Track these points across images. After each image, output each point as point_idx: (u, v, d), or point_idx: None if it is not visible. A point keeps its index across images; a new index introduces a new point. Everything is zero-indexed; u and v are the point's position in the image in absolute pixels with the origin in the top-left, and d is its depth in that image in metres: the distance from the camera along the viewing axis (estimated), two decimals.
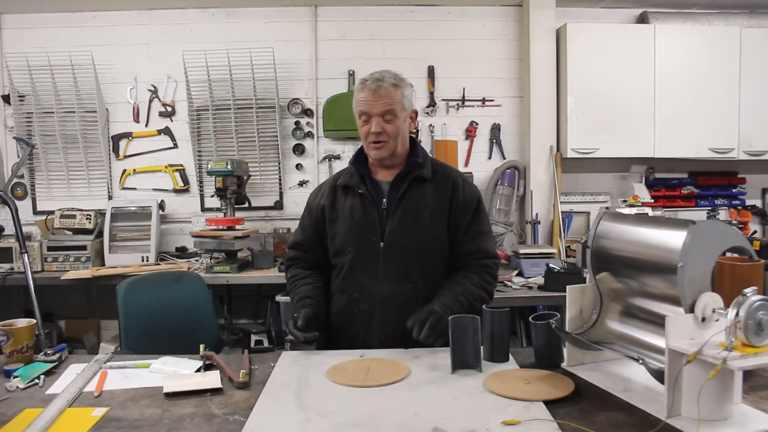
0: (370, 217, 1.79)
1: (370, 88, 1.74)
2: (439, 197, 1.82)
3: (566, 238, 3.95)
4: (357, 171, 1.85)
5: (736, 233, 1.40)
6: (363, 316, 1.80)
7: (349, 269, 1.81)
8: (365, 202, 1.81)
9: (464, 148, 4.12)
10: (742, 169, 4.26)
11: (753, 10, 4.12)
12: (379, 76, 1.76)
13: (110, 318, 4.03)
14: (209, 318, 2.64)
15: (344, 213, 1.82)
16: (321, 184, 2.00)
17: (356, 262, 1.80)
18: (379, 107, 1.74)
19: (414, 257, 1.79)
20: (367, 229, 1.79)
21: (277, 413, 1.28)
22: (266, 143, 4.07)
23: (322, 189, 1.95)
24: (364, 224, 1.79)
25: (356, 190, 1.82)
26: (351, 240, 1.80)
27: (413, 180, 1.81)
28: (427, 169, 1.83)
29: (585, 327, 1.50)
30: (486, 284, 1.82)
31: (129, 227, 3.81)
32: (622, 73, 3.82)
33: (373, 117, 1.75)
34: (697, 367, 1.14)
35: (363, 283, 1.79)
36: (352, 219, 1.81)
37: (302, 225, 1.97)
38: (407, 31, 4.10)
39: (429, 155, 1.93)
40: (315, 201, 1.92)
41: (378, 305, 1.78)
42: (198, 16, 4.06)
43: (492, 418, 1.21)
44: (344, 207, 1.83)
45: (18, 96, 3.97)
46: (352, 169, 1.87)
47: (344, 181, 1.86)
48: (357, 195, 1.82)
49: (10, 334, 1.56)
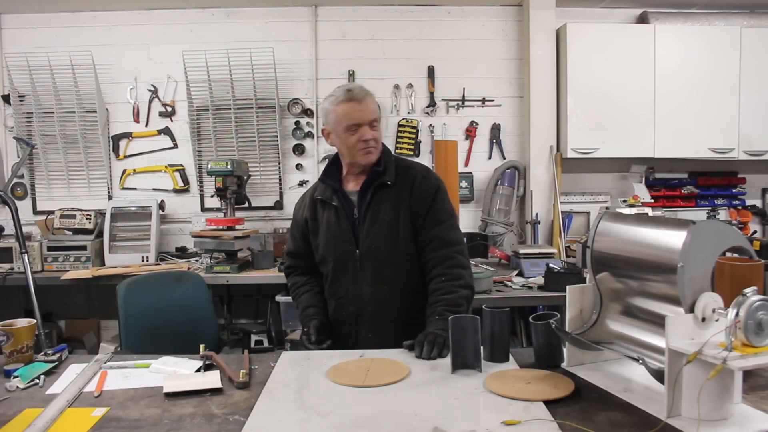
0: (344, 227, 1.89)
1: (358, 99, 1.81)
2: (401, 198, 1.88)
3: (566, 238, 3.95)
4: (328, 185, 1.93)
5: (736, 233, 1.40)
6: (351, 317, 1.92)
7: (333, 276, 1.94)
8: (339, 214, 1.90)
9: (464, 148, 4.12)
10: (742, 169, 4.26)
11: (753, 10, 4.12)
12: (360, 87, 1.85)
13: (110, 318, 4.03)
14: (209, 318, 2.64)
15: (323, 225, 1.94)
16: (303, 195, 2.07)
17: (338, 270, 1.92)
18: (368, 116, 1.83)
19: (386, 260, 1.87)
20: (343, 239, 1.89)
21: (277, 413, 1.28)
22: (266, 143, 4.07)
23: (304, 201, 2.03)
24: (340, 235, 1.89)
25: (331, 203, 1.91)
26: (330, 250, 1.92)
27: (377, 187, 1.88)
28: (389, 174, 1.89)
29: (585, 327, 1.50)
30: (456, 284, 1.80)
31: (129, 227, 3.81)
32: (622, 73, 3.82)
33: (364, 125, 1.82)
34: (697, 367, 1.14)
35: (347, 288, 1.91)
36: (329, 231, 1.91)
37: (292, 235, 2.09)
38: (407, 31, 4.10)
39: (393, 157, 1.97)
40: (299, 213, 2.03)
41: (362, 306, 1.89)
42: (198, 16, 4.07)
43: (492, 418, 1.21)
44: (323, 219, 1.94)
45: (18, 96, 3.97)
46: (323, 184, 1.95)
47: (319, 194, 1.95)
48: (332, 207, 1.92)
49: (10, 334, 1.56)
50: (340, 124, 1.83)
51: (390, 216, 1.86)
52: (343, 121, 1.82)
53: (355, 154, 1.85)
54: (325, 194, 1.93)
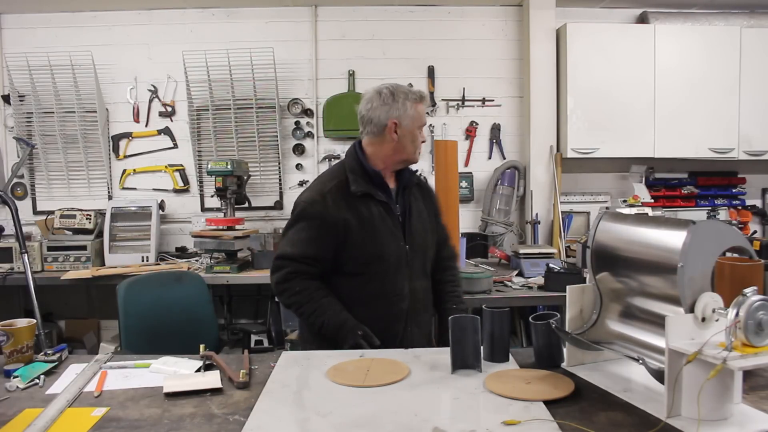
0: (395, 223, 1.90)
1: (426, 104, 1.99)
2: (424, 196, 2.05)
3: (566, 238, 3.95)
4: (369, 179, 1.89)
5: (736, 233, 1.40)
6: (401, 314, 1.89)
7: (385, 273, 1.87)
8: (386, 210, 1.89)
9: (464, 148, 4.12)
10: (742, 169, 4.26)
11: (753, 10, 4.12)
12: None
13: (110, 318, 4.03)
14: (209, 318, 2.64)
15: (375, 220, 1.86)
16: (320, 192, 1.87)
17: (392, 267, 1.88)
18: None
19: (427, 254, 2.00)
20: (396, 235, 1.89)
21: (277, 413, 1.28)
22: (266, 143, 4.07)
23: (327, 199, 1.84)
24: (393, 230, 1.89)
25: (376, 198, 1.87)
26: (385, 247, 1.87)
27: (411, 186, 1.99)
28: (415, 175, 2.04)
29: (585, 327, 1.50)
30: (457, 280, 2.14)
31: (129, 227, 3.81)
32: (622, 73, 3.82)
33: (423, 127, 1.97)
34: (697, 367, 1.14)
35: (401, 285, 1.89)
36: (384, 226, 1.87)
37: (312, 237, 1.84)
38: (407, 31, 4.10)
39: None
40: (330, 213, 1.82)
41: (412, 302, 1.91)
42: (198, 16, 4.07)
43: (492, 418, 1.20)
44: (369, 215, 1.85)
45: (18, 96, 3.97)
46: (360, 179, 1.88)
47: (361, 189, 1.86)
48: (377, 203, 1.87)
49: (10, 334, 1.56)
50: (417, 121, 1.92)
51: (425, 212, 2.00)
52: (419, 119, 1.92)
53: (414, 151, 1.94)
54: (370, 189, 1.87)
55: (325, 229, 1.83)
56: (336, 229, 1.82)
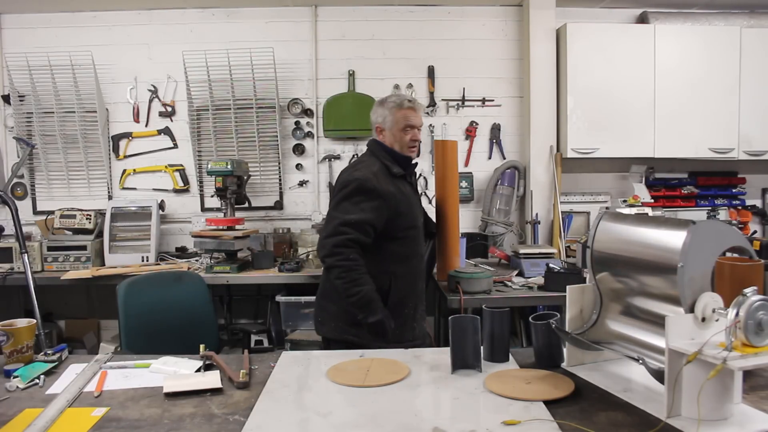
0: (418, 197, 2.49)
1: (413, 107, 2.37)
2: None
3: (566, 238, 3.95)
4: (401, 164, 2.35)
5: (736, 233, 1.40)
6: (423, 271, 2.44)
7: (416, 237, 2.37)
8: (413, 188, 2.45)
9: (464, 148, 4.12)
10: (742, 169, 4.26)
11: (753, 10, 4.12)
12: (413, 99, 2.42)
13: (110, 318, 4.03)
14: (209, 318, 2.64)
15: (407, 196, 2.33)
16: (372, 172, 2.24)
17: (419, 232, 2.39)
18: (419, 121, 2.40)
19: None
20: (419, 207, 2.46)
21: (277, 413, 1.28)
22: (266, 143, 4.07)
23: (378, 177, 2.23)
24: (418, 204, 2.44)
25: (406, 179, 2.38)
26: (417, 216, 2.38)
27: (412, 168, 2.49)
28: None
29: (585, 327, 1.50)
30: None
31: (129, 227, 3.81)
32: (622, 73, 3.82)
33: (416, 128, 2.37)
34: (697, 367, 1.14)
35: (422, 246, 2.43)
36: (414, 199, 2.40)
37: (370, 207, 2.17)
38: (407, 31, 4.10)
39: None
40: (383, 188, 2.21)
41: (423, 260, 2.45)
42: (198, 16, 4.06)
43: (492, 418, 1.21)
44: (407, 191, 2.35)
45: (18, 96, 3.97)
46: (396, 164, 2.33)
47: (400, 171, 2.33)
48: (407, 183, 2.38)
49: (10, 334, 1.56)
50: (398, 124, 2.33)
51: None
52: (401, 122, 2.33)
53: (405, 148, 2.36)
54: (403, 171, 2.35)
55: (380, 201, 2.19)
56: (387, 201, 2.20)
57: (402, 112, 2.34)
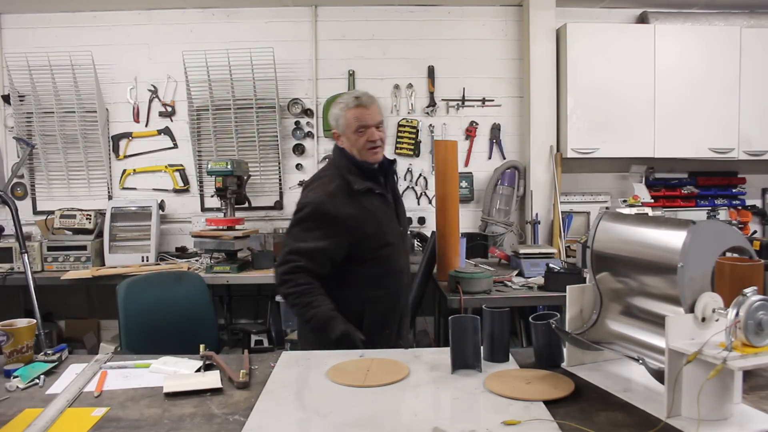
0: (390, 209, 2.13)
1: (366, 104, 2.06)
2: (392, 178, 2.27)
3: (566, 238, 3.95)
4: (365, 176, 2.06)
5: (736, 233, 1.40)
6: (404, 289, 2.18)
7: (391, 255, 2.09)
8: (384, 199, 2.10)
9: (464, 148, 4.12)
10: (742, 169, 4.26)
11: (753, 10, 4.12)
12: (366, 94, 2.11)
13: (110, 318, 4.03)
14: (209, 318, 2.64)
15: (375, 212, 2.05)
16: (327, 193, 1.99)
17: (395, 248, 2.11)
18: (375, 119, 2.07)
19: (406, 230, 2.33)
20: (394, 221, 2.14)
21: (277, 413, 1.28)
22: (266, 143, 4.07)
23: (336, 198, 1.98)
24: (391, 216, 2.13)
25: (375, 191, 2.05)
26: (389, 232, 2.09)
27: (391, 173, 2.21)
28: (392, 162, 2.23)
29: (585, 327, 1.50)
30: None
31: (129, 227, 3.81)
32: (622, 73, 3.81)
33: (371, 127, 2.05)
34: (697, 367, 1.14)
35: (402, 262, 2.16)
36: (385, 216, 2.09)
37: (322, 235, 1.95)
38: (407, 31, 4.10)
39: None
40: (340, 210, 1.95)
41: (407, 276, 2.22)
42: (198, 16, 4.06)
43: (492, 418, 1.20)
44: (373, 207, 2.04)
45: (18, 96, 3.97)
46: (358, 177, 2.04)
47: (363, 186, 2.03)
48: (376, 195, 2.06)
49: (10, 334, 1.56)
50: (350, 127, 2.05)
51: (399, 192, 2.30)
52: (352, 124, 2.04)
53: (363, 153, 2.05)
54: (368, 184, 2.04)
55: (337, 227, 1.95)
56: (347, 224, 1.96)
57: (352, 112, 2.04)
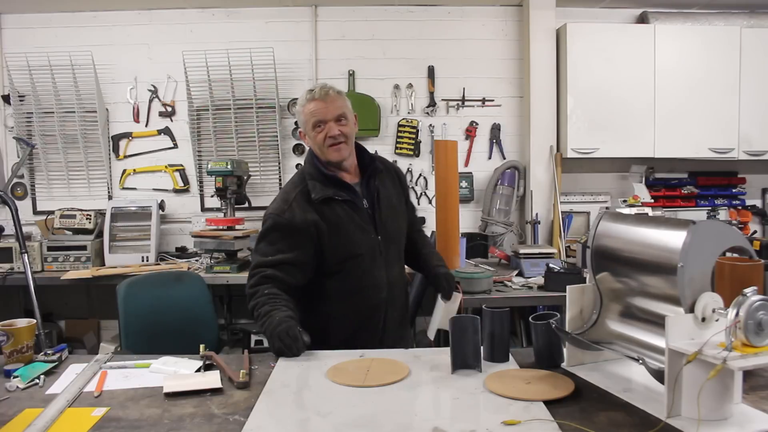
0: (364, 219, 1.91)
1: (320, 97, 1.87)
2: (394, 184, 2.06)
3: (566, 238, 3.95)
4: (327, 182, 1.89)
5: (736, 233, 1.40)
6: (382, 304, 1.94)
7: (362, 268, 1.90)
8: (353, 207, 1.90)
9: (464, 148, 4.12)
10: (742, 169, 4.26)
11: (753, 10, 4.12)
12: (323, 86, 1.91)
13: (110, 318, 4.02)
14: (209, 318, 2.64)
15: (342, 221, 1.87)
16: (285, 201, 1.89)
17: (368, 260, 1.91)
18: (332, 112, 1.87)
19: (400, 241, 2.06)
20: (366, 229, 1.91)
21: (277, 413, 1.28)
22: (266, 143, 4.07)
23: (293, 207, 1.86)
24: (363, 225, 1.90)
25: (337, 199, 1.88)
26: (359, 243, 1.89)
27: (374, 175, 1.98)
28: (378, 161, 2.03)
29: (585, 327, 1.50)
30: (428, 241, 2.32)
31: (129, 227, 3.81)
32: (622, 73, 3.81)
33: (329, 122, 1.87)
34: (697, 367, 1.14)
35: (378, 276, 1.93)
36: (352, 224, 1.88)
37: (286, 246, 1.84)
38: (407, 31, 4.10)
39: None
40: (299, 219, 1.84)
41: (391, 289, 1.96)
42: (198, 16, 4.06)
43: (492, 418, 1.20)
44: (336, 217, 1.87)
45: (18, 96, 3.97)
46: (318, 183, 1.88)
47: (320, 195, 1.86)
48: (340, 202, 1.88)
49: (10, 334, 1.56)
50: (308, 123, 1.90)
51: (395, 199, 2.03)
52: (309, 120, 1.89)
53: (324, 150, 1.89)
54: (328, 192, 1.87)
55: (298, 235, 1.84)
56: (308, 232, 1.84)
57: (308, 107, 1.88)
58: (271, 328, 1.69)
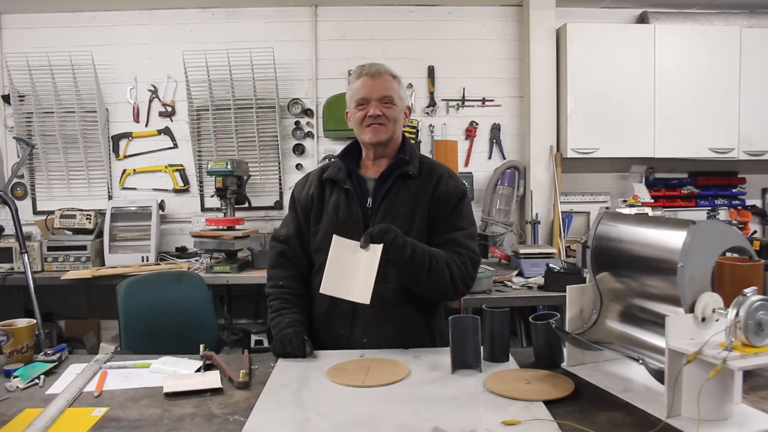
0: (354, 214, 1.74)
1: (369, 74, 1.74)
2: (423, 192, 1.76)
3: (566, 238, 3.95)
4: (345, 165, 1.79)
5: (736, 233, 1.40)
6: (345, 317, 1.72)
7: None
8: (350, 199, 1.75)
9: (464, 148, 4.12)
10: (742, 169, 4.26)
11: (753, 10, 4.12)
12: (377, 65, 1.77)
13: (110, 318, 4.03)
14: (209, 318, 2.64)
15: (328, 209, 1.77)
16: (307, 174, 1.92)
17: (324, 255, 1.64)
18: (378, 92, 1.72)
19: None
20: (350, 228, 1.69)
21: (277, 413, 1.28)
22: (266, 143, 4.07)
23: (309, 180, 1.87)
24: (347, 222, 1.73)
25: (342, 186, 1.76)
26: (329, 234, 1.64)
27: (398, 177, 1.76)
28: (413, 165, 1.78)
29: (585, 327, 1.50)
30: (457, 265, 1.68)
31: (129, 227, 3.81)
32: (622, 73, 3.82)
33: (372, 101, 1.72)
34: (697, 367, 1.13)
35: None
36: (335, 216, 1.75)
37: (293, 217, 1.86)
38: (407, 31, 4.10)
39: (417, 152, 1.88)
40: (303, 192, 1.84)
41: (359, 306, 1.61)
42: (198, 16, 4.07)
43: (492, 418, 1.20)
44: (329, 203, 1.78)
45: (18, 96, 3.97)
46: (340, 164, 1.80)
47: (331, 174, 1.78)
48: (342, 191, 1.77)
49: (10, 334, 1.56)
50: (351, 99, 1.77)
51: (407, 209, 1.73)
52: (353, 96, 1.76)
53: (360, 131, 1.75)
54: (338, 175, 1.76)
55: (299, 207, 1.85)
56: (304, 205, 1.83)
57: (355, 84, 1.75)
58: (278, 329, 1.67)
